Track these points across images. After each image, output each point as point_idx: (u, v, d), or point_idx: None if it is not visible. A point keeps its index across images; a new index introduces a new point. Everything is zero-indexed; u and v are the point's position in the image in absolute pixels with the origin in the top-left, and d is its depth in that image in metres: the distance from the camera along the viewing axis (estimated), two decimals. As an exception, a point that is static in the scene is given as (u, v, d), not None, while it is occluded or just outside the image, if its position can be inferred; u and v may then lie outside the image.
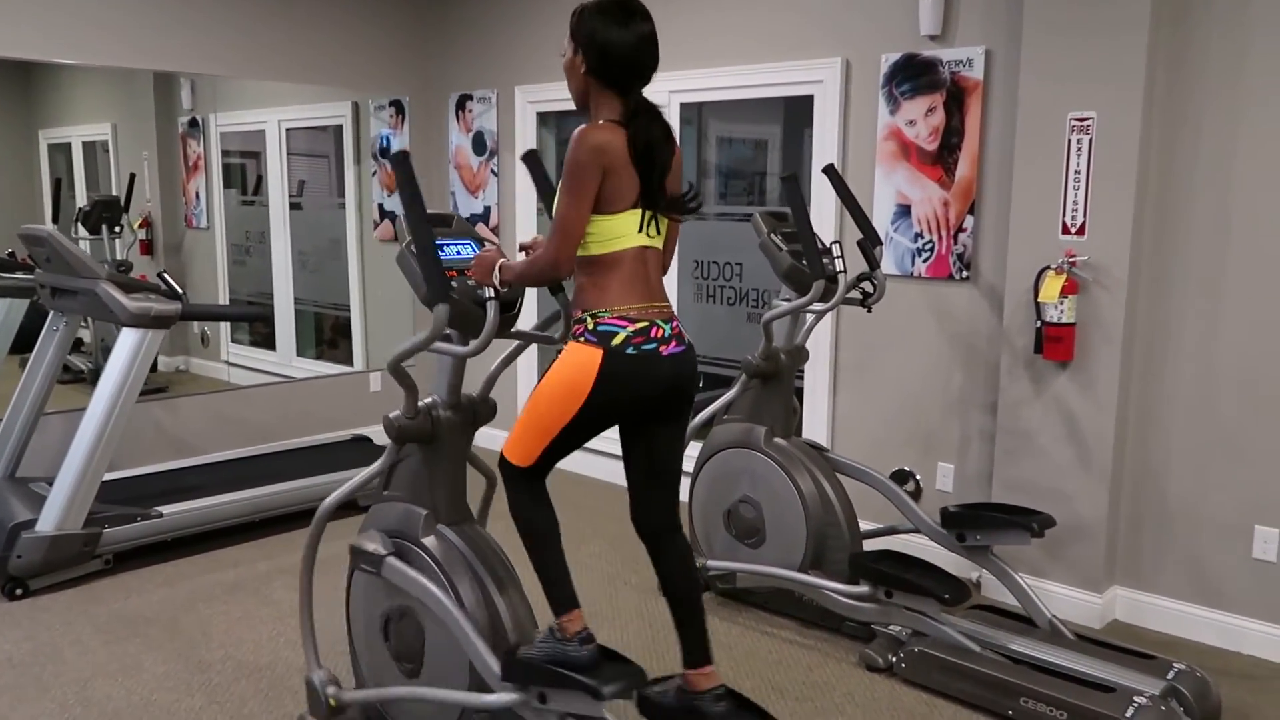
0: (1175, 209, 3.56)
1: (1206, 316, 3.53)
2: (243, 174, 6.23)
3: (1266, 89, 3.34)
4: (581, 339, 2.46)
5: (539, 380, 2.55)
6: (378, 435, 5.76)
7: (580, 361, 2.44)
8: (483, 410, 2.79)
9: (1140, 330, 3.66)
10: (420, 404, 2.66)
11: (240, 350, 6.21)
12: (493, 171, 5.84)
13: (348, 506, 2.78)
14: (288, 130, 6.10)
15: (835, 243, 3.60)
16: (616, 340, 2.43)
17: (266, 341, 6.33)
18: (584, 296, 2.50)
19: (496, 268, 2.49)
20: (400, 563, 2.69)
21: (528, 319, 4.09)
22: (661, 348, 2.48)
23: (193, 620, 3.72)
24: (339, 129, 6.23)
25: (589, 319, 2.46)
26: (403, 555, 2.70)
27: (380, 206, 6.20)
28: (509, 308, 2.64)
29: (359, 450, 5.29)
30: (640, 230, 2.48)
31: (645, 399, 2.52)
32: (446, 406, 2.71)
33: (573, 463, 2.92)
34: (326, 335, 6.62)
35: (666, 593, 2.70)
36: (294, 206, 6.17)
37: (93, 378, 5.08)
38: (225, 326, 6.11)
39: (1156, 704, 2.84)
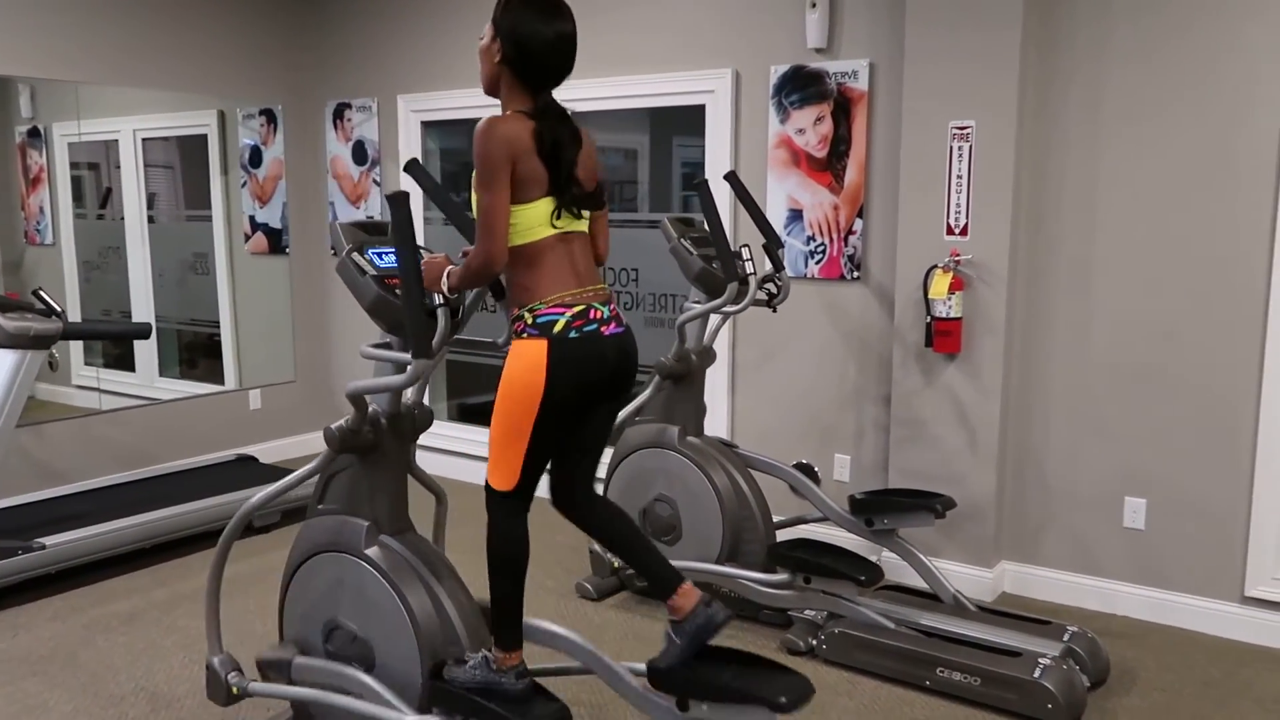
0: (1047, 209, 3.88)
1: (1077, 308, 3.86)
2: (93, 186, 5.88)
3: (1125, 100, 3.69)
4: (524, 335, 2.48)
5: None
6: (262, 454, 5.58)
7: (528, 357, 2.46)
8: (420, 418, 2.79)
9: (1020, 322, 3.96)
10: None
11: (95, 373, 5.85)
12: (375, 181, 5.74)
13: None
14: (144, 140, 5.81)
15: (744, 246, 3.75)
16: (558, 327, 2.46)
17: (121, 362, 6.00)
18: (518, 294, 2.53)
19: (445, 274, 2.50)
20: (308, 659, 2.77)
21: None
22: (602, 328, 2.52)
23: (93, 654, 3.53)
24: (203, 138, 5.98)
25: (527, 314, 2.48)
26: (344, 569, 2.70)
27: (251, 219, 5.99)
28: (454, 315, 2.65)
29: (246, 470, 5.10)
30: (557, 218, 2.50)
31: (596, 380, 2.54)
32: (387, 416, 2.69)
33: (475, 474, 2.91)
34: (184, 355, 6.32)
35: (613, 544, 2.75)
36: (150, 220, 5.88)
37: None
38: (77, 349, 5.75)
39: (1058, 664, 3.10)
